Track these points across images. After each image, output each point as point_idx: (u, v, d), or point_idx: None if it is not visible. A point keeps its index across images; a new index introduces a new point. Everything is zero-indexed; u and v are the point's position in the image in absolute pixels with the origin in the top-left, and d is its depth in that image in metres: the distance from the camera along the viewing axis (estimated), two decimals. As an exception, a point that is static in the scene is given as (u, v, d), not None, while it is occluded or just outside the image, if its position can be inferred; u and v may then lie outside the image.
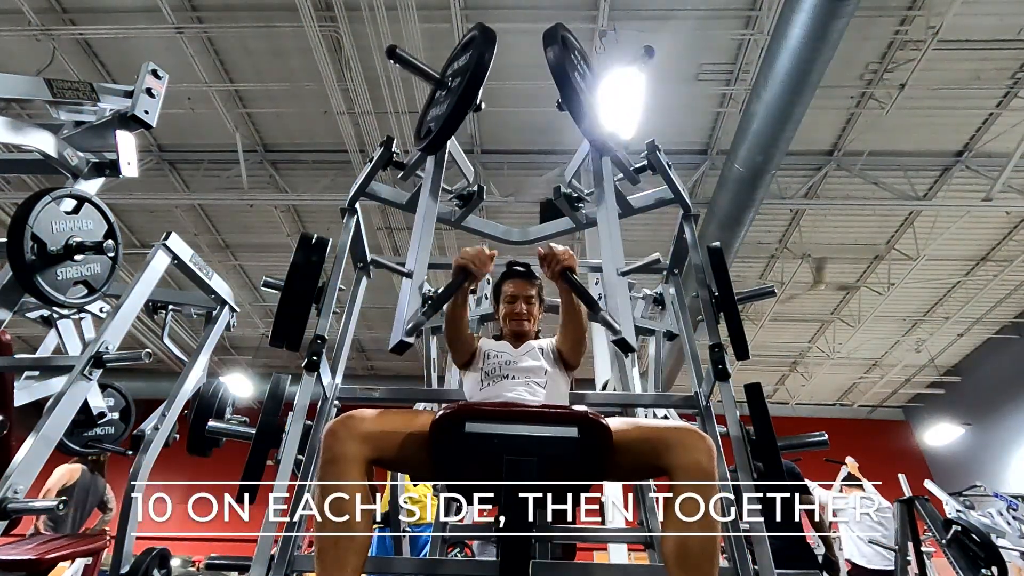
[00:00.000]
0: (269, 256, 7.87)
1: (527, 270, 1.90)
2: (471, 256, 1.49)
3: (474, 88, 1.33)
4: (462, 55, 1.51)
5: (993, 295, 8.10)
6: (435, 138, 1.41)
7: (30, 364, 2.10)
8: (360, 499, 1.16)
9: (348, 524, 1.13)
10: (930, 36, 4.70)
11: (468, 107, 1.36)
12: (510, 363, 1.66)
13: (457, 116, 1.35)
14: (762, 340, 9.21)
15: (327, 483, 1.16)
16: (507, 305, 1.86)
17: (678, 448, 1.20)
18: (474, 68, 1.32)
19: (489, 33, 1.38)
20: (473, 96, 1.33)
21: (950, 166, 6.03)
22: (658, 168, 1.78)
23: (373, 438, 1.21)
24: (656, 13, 4.79)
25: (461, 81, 1.36)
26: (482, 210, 6.80)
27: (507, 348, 1.74)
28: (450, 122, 1.36)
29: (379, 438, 1.22)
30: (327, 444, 1.19)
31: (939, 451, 10.44)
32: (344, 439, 1.18)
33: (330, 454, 1.18)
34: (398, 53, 1.47)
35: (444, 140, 1.43)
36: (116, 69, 5.35)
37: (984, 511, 4.72)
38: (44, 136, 1.97)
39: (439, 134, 1.39)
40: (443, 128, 1.38)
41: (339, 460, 1.17)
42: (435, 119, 1.48)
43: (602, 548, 5.40)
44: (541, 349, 1.74)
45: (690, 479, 1.18)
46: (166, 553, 2.22)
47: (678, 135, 5.93)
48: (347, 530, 1.13)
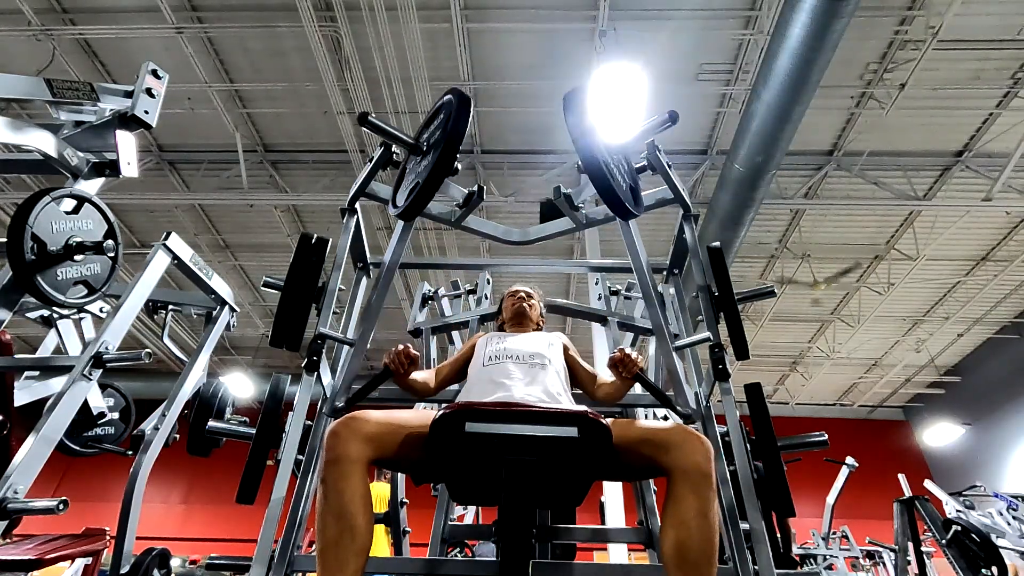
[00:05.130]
0: (269, 256, 7.87)
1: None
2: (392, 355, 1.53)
3: (450, 157, 1.30)
4: (437, 120, 1.49)
5: (993, 295, 8.11)
6: (411, 206, 1.38)
7: (30, 364, 2.09)
8: (362, 500, 1.16)
9: (350, 525, 1.13)
10: (930, 36, 4.71)
11: (445, 176, 1.32)
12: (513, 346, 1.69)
13: (433, 185, 1.32)
14: (762, 340, 9.22)
15: (329, 483, 1.15)
16: (509, 298, 2.09)
17: (677, 450, 1.21)
18: (449, 137, 1.30)
19: (464, 100, 1.36)
20: (449, 165, 1.31)
21: (950, 166, 6.03)
22: (658, 168, 1.78)
23: (375, 438, 1.21)
24: (656, 13, 4.79)
25: (436, 150, 1.34)
26: (482, 210, 6.76)
27: (511, 334, 1.82)
28: (426, 192, 1.33)
29: (381, 438, 1.22)
30: (329, 444, 1.19)
31: (939, 451, 10.44)
32: (347, 439, 1.18)
33: (332, 454, 1.18)
34: (370, 120, 1.46)
35: (421, 208, 1.40)
36: (116, 69, 5.35)
37: (984, 511, 4.72)
38: (44, 136, 1.97)
39: (415, 202, 1.37)
40: (419, 197, 1.35)
41: (341, 461, 1.17)
42: (410, 187, 1.46)
43: (602, 548, 5.41)
44: (550, 343, 1.77)
45: (688, 481, 1.18)
46: (166, 553, 2.22)
47: (678, 135, 5.94)
48: (349, 531, 1.13)
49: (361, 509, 1.15)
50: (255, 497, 1.44)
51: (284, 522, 1.42)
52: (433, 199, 1.71)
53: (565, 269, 2.73)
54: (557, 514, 1.92)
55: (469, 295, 2.97)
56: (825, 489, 6.11)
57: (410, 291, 7.98)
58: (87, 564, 2.14)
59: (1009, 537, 4.32)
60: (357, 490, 1.16)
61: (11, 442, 1.93)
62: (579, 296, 8.14)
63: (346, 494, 1.14)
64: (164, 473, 9.15)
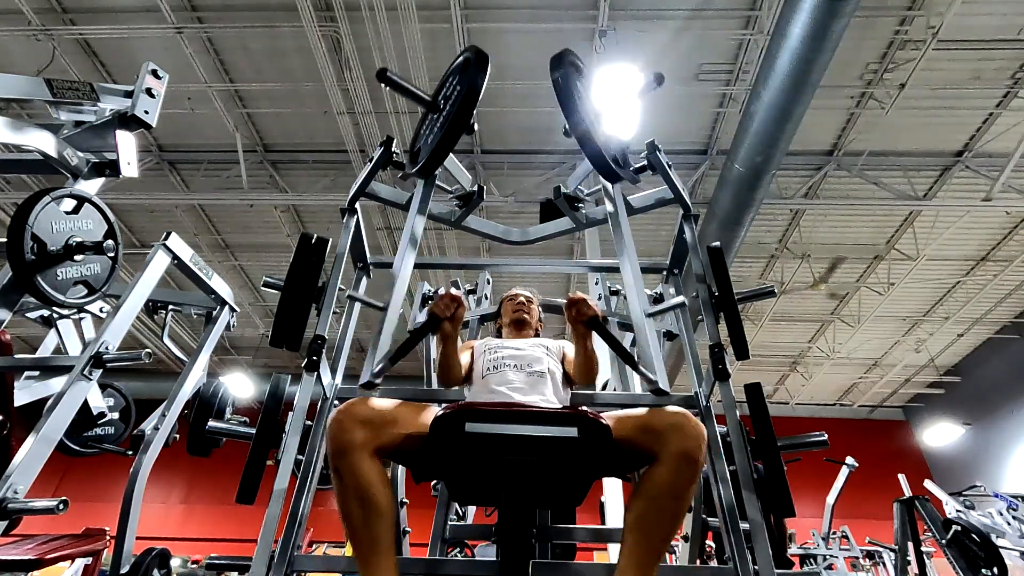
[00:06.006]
0: (269, 256, 7.88)
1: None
2: (436, 302, 1.46)
3: (467, 113, 1.31)
4: (454, 78, 1.50)
5: (993, 295, 8.11)
6: (428, 162, 1.39)
7: (30, 364, 2.09)
8: (378, 478, 1.18)
9: (373, 504, 1.15)
10: (930, 36, 4.71)
11: (462, 131, 1.33)
12: (512, 354, 1.68)
13: (450, 141, 1.33)
14: (762, 340, 9.22)
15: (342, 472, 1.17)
16: (509, 303, 2.05)
17: (669, 433, 1.20)
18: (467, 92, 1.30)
19: (482, 57, 1.36)
20: (466, 120, 1.31)
21: (950, 166, 6.04)
22: (658, 168, 1.78)
23: (374, 422, 1.21)
24: (656, 13, 4.79)
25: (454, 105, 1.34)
26: (482, 210, 6.77)
27: (509, 341, 1.80)
28: (443, 147, 1.34)
29: (381, 423, 1.22)
30: (332, 433, 1.19)
31: (939, 451, 10.45)
32: (348, 428, 1.18)
33: (337, 444, 1.18)
34: (388, 76, 1.45)
35: (438, 164, 1.41)
36: (116, 69, 5.36)
37: (984, 511, 4.72)
38: (44, 136, 1.97)
39: (432, 158, 1.38)
40: (436, 152, 1.36)
41: (348, 451, 1.17)
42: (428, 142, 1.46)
43: (602, 548, 5.41)
44: (546, 347, 1.76)
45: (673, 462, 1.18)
46: (166, 553, 2.23)
47: (678, 135, 5.94)
48: (374, 509, 1.15)
49: (380, 488, 1.17)
50: (255, 497, 1.44)
51: (284, 522, 1.42)
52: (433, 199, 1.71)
53: (565, 269, 2.73)
54: (557, 514, 1.92)
55: (469, 295, 2.97)
56: (825, 489, 6.11)
57: (410, 291, 7.98)
58: (87, 564, 2.14)
59: (1009, 537, 4.32)
60: (371, 471, 1.17)
61: (11, 442, 1.93)
62: (579, 296, 8.13)
63: (362, 478, 1.16)
64: (164, 473, 9.15)
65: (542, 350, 1.73)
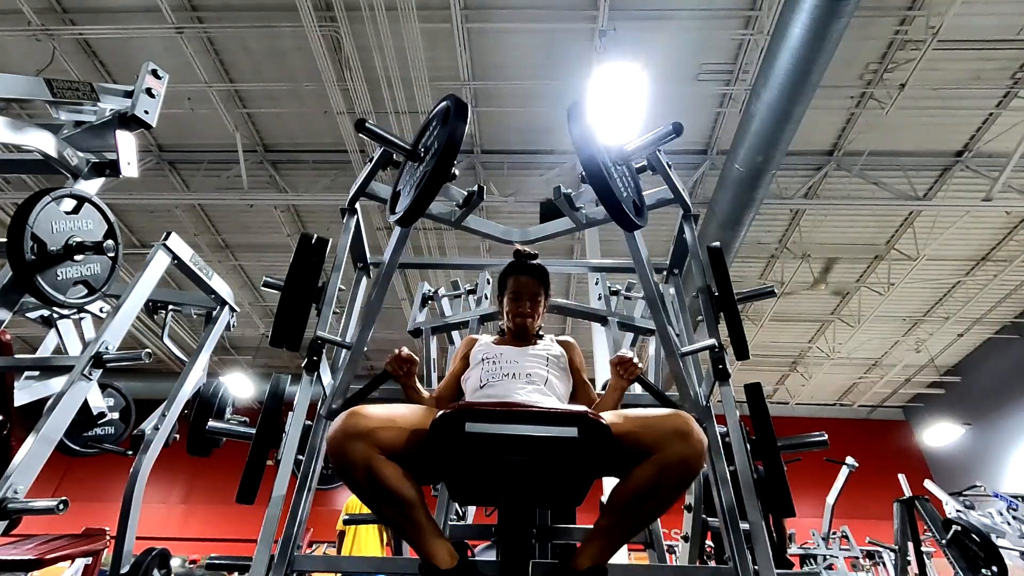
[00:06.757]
0: (269, 256, 7.88)
1: (535, 265, 1.88)
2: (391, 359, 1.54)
3: (447, 164, 1.29)
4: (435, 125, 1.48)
5: (993, 295, 8.11)
6: (408, 213, 1.38)
7: (30, 364, 2.09)
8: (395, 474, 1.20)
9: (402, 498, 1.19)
10: (930, 36, 4.71)
11: (442, 183, 1.32)
12: (512, 364, 1.64)
13: (430, 193, 1.31)
14: (762, 340, 9.22)
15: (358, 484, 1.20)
16: (511, 302, 1.82)
17: (672, 438, 1.19)
18: (447, 144, 1.29)
19: (461, 106, 1.35)
20: (447, 172, 1.31)
21: (950, 166, 6.04)
22: (658, 168, 1.78)
23: (374, 435, 1.21)
24: (656, 13, 4.79)
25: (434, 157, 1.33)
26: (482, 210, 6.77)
27: (509, 349, 1.71)
28: (423, 199, 1.32)
29: (381, 434, 1.22)
30: (334, 450, 1.19)
31: (939, 451, 10.45)
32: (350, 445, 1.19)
33: (342, 462, 1.19)
34: (367, 126, 1.46)
35: (418, 215, 1.40)
36: (116, 69, 5.36)
37: (984, 511, 4.72)
38: (44, 136, 1.97)
39: (412, 210, 1.36)
40: (416, 204, 1.35)
41: (354, 467, 1.18)
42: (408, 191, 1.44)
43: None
44: (547, 359, 1.69)
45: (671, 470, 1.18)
46: (166, 553, 2.23)
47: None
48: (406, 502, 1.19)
49: (402, 483, 1.20)
50: (255, 497, 1.44)
51: (284, 522, 1.42)
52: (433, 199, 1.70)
53: (565, 269, 2.73)
54: (557, 514, 1.92)
55: (469, 295, 2.97)
56: (825, 489, 6.11)
57: (410, 291, 7.98)
58: (87, 564, 2.14)
59: (1009, 537, 4.32)
60: (385, 473, 1.19)
61: (11, 442, 1.93)
62: (579, 296, 8.14)
63: (381, 484, 1.18)
64: (164, 473, 9.14)
65: (542, 356, 1.69)
